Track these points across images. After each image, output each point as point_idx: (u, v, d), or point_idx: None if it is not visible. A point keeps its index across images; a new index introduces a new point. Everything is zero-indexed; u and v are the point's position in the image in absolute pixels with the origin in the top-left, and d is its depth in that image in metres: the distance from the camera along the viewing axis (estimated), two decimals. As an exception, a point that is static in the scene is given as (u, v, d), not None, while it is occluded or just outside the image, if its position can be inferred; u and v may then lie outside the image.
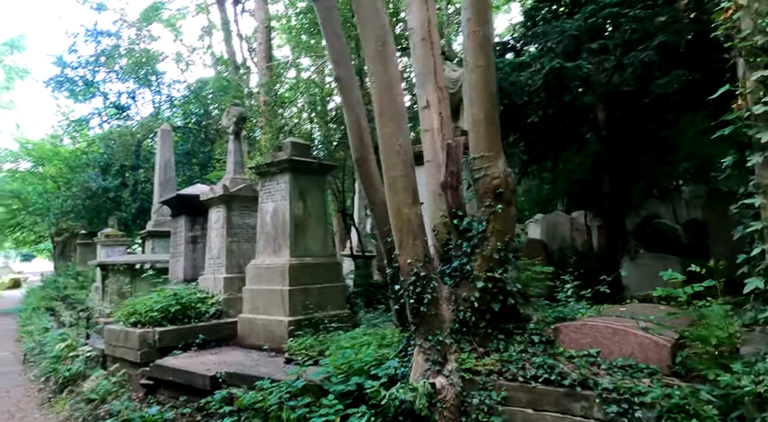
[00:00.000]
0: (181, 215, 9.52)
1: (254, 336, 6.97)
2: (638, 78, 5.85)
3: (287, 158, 6.92)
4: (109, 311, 9.65)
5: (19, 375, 9.69)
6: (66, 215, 22.55)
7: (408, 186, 3.94)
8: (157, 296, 7.55)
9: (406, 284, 3.87)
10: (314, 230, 7.24)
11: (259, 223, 7.42)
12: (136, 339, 6.87)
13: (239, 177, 8.61)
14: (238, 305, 7.90)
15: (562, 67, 5.45)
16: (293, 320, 6.56)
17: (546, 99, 6.18)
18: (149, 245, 13.74)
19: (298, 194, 7.09)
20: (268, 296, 6.92)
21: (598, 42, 5.87)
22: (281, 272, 6.81)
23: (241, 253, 8.33)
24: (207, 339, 7.22)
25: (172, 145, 15.73)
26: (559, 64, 5.43)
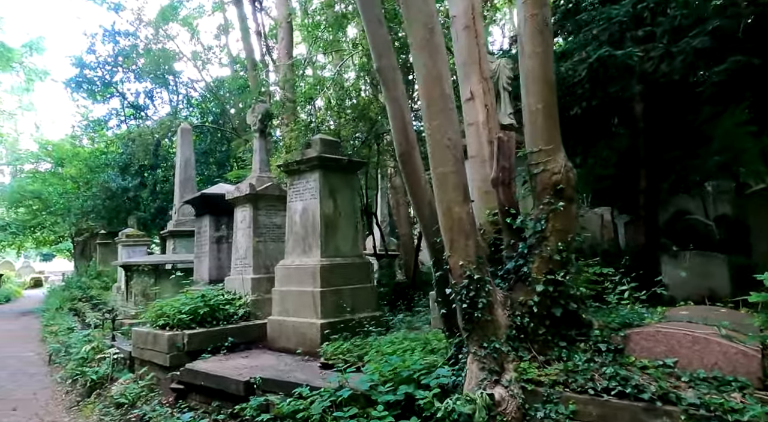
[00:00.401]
0: (206, 215, 9.37)
1: (284, 339, 6.78)
2: (688, 66, 5.54)
3: (317, 155, 6.70)
4: (134, 312, 9.54)
5: (45, 377, 9.62)
6: (86, 215, 22.64)
7: (459, 183, 3.70)
8: (185, 297, 7.39)
9: (458, 288, 3.63)
10: (344, 229, 7.03)
11: (288, 222, 7.22)
12: (165, 342, 6.72)
13: (265, 176, 8.43)
14: (267, 307, 7.73)
15: (610, 56, 5.15)
16: (325, 322, 6.36)
17: (590, 90, 5.88)
18: (170, 245, 13.64)
19: (328, 193, 6.88)
20: (298, 297, 6.72)
21: (644, 29, 5.56)
22: (312, 273, 6.60)
23: (267, 253, 8.15)
24: (236, 341, 7.05)
25: (192, 143, 15.62)
26: (608, 52, 5.12)
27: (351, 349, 5.25)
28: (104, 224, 23.31)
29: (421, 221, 4.20)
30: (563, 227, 3.50)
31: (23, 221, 31.78)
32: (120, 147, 22.98)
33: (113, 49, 23.14)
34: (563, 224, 3.50)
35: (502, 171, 3.83)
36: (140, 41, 23.71)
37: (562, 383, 3.19)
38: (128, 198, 21.61)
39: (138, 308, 9.61)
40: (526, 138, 3.70)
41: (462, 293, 3.60)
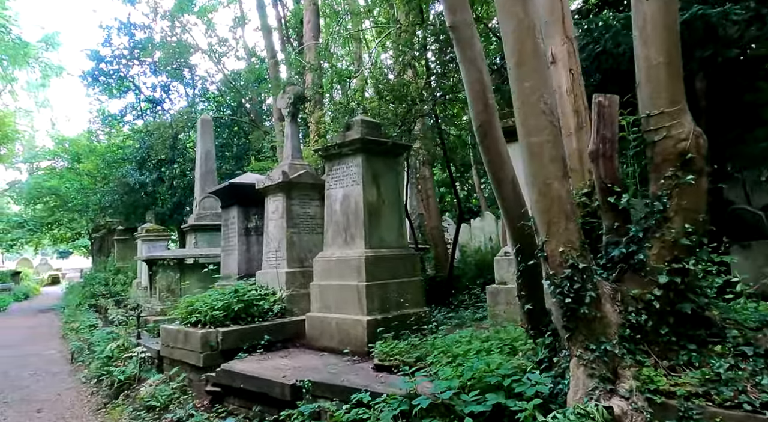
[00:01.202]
0: (233, 206, 8.87)
1: (326, 337, 6.26)
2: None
3: (359, 137, 6.16)
4: (159, 308, 9.09)
5: (69, 376, 9.22)
6: (104, 210, 22.35)
7: (557, 155, 3.13)
8: (216, 293, 6.91)
9: (558, 279, 3.07)
10: (389, 218, 6.49)
11: (327, 212, 6.69)
12: (198, 340, 6.23)
13: (298, 163, 7.90)
14: (302, 303, 7.23)
15: (703, 16, 4.51)
16: (372, 319, 5.83)
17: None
18: (191, 240, 13.21)
19: (371, 178, 6.34)
20: (340, 292, 6.20)
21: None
22: (356, 266, 6.07)
23: (302, 245, 7.64)
24: (272, 339, 6.55)
25: (213, 135, 15.17)
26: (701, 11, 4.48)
27: (408, 349, 4.71)
28: (122, 220, 23.02)
29: (502, 203, 3.64)
30: (691, 205, 2.92)
31: (40, 218, 31.72)
32: (137, 141, 22.63)
33: (129, 42, 22.77)
34: (691, 202, 2.92)
35: (603, 142, 3.25)
36: (156, 34, 23.34)
37: (702, 395, 2.62)
38: (146, 193, 21.26)
39: (163, 304, 9.17)
40: (640, 99, 3.12)
41: (564, 286, 3.04)
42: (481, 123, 3.47)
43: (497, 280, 5.69)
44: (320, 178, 8.03)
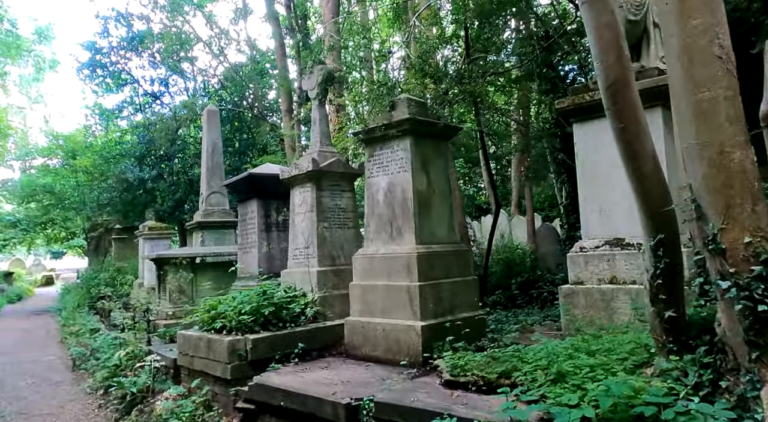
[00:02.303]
0: (252, 199, 8.10)
1: (370, 345, 5.50)
2: None
3: (408, 116, 5.40)
4: (171, 311, 8.30)
5: (72, 386, 8.43)
6: (102, 208, 21.47)
7: (737, 115, 2.40)
8: (242, 295, 6.13)
9: (745, 279, 2.33)
10: (439, 209, 5.74)
11: (368, 203, 5.94)
12: (225, 349, 5.46)
13: (328, 150, 7.14)
14: (336, 305, 6.48)
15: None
16: (426, 325, 5.08)
17: None
18: (197, 238, 12.43)
19: (421, 165, 5.59)
20: (387, 294, 5.44)
21: None
22: (406, 264, 5.32)
23: (333, 241, 6.88)
24: (306, 347, 5.80)
25: (220, 127, 14.35)
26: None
27: (487, 362, 3.96)
28: (120, 219, 22.18)
29: (638, 184, 2.89)
30: None
31: (34, 217, 30.77)
32: (136, 136, 21.77)
33: (127, 33, 21.90)
34: None
35: (782, 102, 2.51)
36: (155, 25, 22.46)
37: None
38: (145, 190, 20.40)
39: (176, 306, 8.38)
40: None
41: (754, 288, 2.30)
42: (613, 80, 2.72)
43: (571, 280, 4.96)
44: (351, 167, 7.27)
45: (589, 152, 4.93)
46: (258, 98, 22.50)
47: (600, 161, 4.87)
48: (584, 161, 4.97)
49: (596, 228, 4.90)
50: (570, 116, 5.04)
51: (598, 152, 4.88)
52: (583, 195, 5.00)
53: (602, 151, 4.85)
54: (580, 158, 5.00)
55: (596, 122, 4.88)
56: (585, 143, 4.96)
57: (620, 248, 4.67)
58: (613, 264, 4.68)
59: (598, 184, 4.89)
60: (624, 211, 4.75)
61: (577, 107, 4.91)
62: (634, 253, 4.57)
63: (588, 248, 4.90)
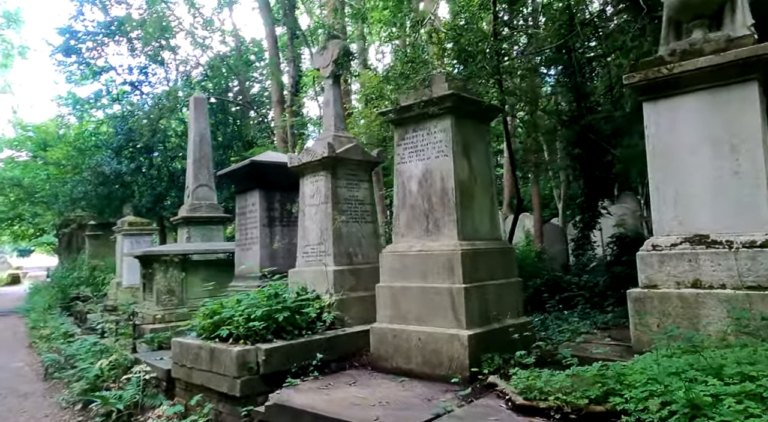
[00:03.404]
0: (254, 190, 7.28)
1: (402, 357, 4.76)
2: None
3: (450, 92, 4.68)
4: (161, 314, 7.42)
5: (44, 398, 7.47)
6: (75, 203, 20.23)
7: None
8: (249, 297, 5.33)
9: None
10: (481, 200, 5.04)
11: (398, 192, 5.20)
12: (233, 360, 4.65)
13: (343, 135, 6.38)
14: (353, 309, 5.74)
15: None
16: (473, 334, 4.37)
17: None
18: (183, 234, 11.53)
19: (462, 149, 4.87)
20: (423, 297, 4.71)
21: None
22: (447, 263, 4.60)
23: (350, 237, 6.12)
24: (325, 358, 5.03)
25: (208, 116, 13.43)
26: None
27: (572, 384, 3.25)
28: (94, 214, 20.98)
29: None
30: None
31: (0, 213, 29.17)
32: (113, 127, 20.59)
33: (104, 18, 20.71)
34: None
35: None
36: (134, 10, 21.29)
37: None
38: (123, 184, 19.29)
39: (165, 309, 7.50)
40: None
41: None
42: None
43: (642, 283, 4.30)
44: (369, 154, 6.53)
45: (663, 133, 4.28)
46: (244, 89, 21.53)
47: (677, 144, 4.22)
48: (656, 144, 4.32)
49: (671, 223, 4.25)
50: (640, 92, 4.39)
51: (676, 133, 4.23)
52: (654, 184, 4.35)
53: (681, 132, 4.21)
54: (651, 142, 4.35)
55: (675, 99, 4.23)
56: (658, 124, 4.31)
57: (705, 247, 4.02)
58: (696, 265, 4.03)
59: (674, 171, 4.24)
60: (706, 203, 4.11)
61: (651, 82, 4.25)
62: (723, 252, 3.93)
63: (663, 246, 4.24)
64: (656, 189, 4.36)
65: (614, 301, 6.65)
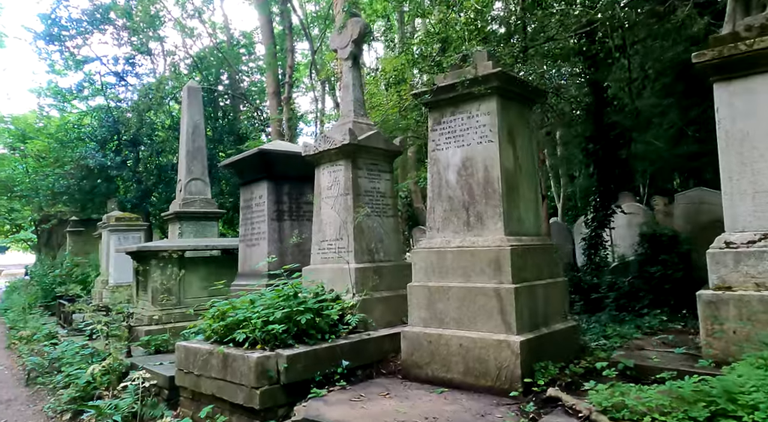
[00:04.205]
0: (261, 182, 6.72)
1: (439, 365, 4.28)
2: None
3: (495, 71, 4.21)
4: (157, 315, 6.83)
5: (26, 406, 6.85)
6: (57, 197, 19.37)
7: None
8: (264, 298, 4.79)
9: None
10: (526, 192, 4.57)
11: (433, 182, 4.71)
12: (251, 368, 4.12)
13: (363, 121, 5.87)
14: (376, 311, 5.25)
15: None
16: (525, 340, 3.90)
17: None
18: (174, 230, 10.94)
19: (507, 134, 4.40)
20: (465, 298, 4.23)
21: None
22: (493, 260, 4.12)
23: (372, 232, 5.62)
24: (351, 365, 4.53)
25: (202, 106, 12.79)
26: None
27: (671, 403, 2.79)
28: (76, 209, 20.14)
29: None
30: None
31: (-27, 208, 28.02)
32: (97, 119, 19.76)
33: (89, 5, 19.85)
34: None
35: None
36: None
37: None
38: (108, 178, 18.49)
39: (163, 309, 6.91)
40: None
41: None
42: None
43: (714, 284, 3.86)
44: (392, 142, 6.03)
45: (739, 118, 3.86)
46: (235, 82, 20.84)
47: (755, 129, 3.80)
48: (730, 130, 3.89)
49: (749, 218, 3.83)
50: (712, 72, 3.96)
51: (754, 117, 3.81)
52: (727, 174, 3.92)
53: (760, 116, 3.78)
54: (723, 127, 3.93)
55: (753, 79, 3.81)
56: (732, 107, 3.88)
57: (789, 244, 3.61)
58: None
59: (752, 160, 3.82)
60: (789, 196, 3.70)
61: (726, 60, 3.83)
62: (811, 250, 3.52)
63: (738, 243, 3.82)
64: (729, 180, 3.94)
65: (648, 303, 6.25)
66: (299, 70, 17.29)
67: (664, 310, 5.92)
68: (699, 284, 4.32)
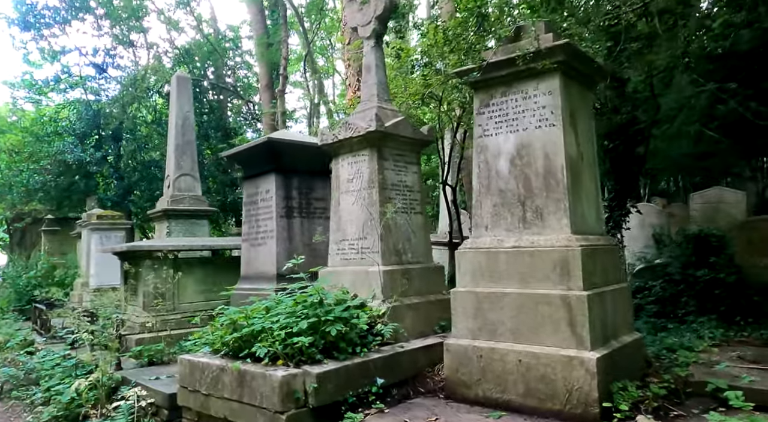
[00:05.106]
0: (268, 175, 6.05)
1: (492, 384, 3.68)
2: None
3: (563, 42, 3.64)
4: (150, 322, 6.11)
5: (-1, 426, 6.08)
6: (32, 194, 18.32)
7: None
8: (282, 304, 4.15)
9: None
10: (588, 184, 4.02)
11: (480, 173, 4.12)
12: (275, 388, 3.47)
13: (388, 107, 5.26)
14: (407, 319, 4.64)
15: None
16: (602, 357, 3.33)
17: None
18: (162, 229, 10.21)
19: (570, 118, 3.84)
20: (524, 306, 3.65)
21: None
22: (559, 263, 3.55)
23: (399, 231, 5.01)
24: (386, 383, 3.92)
25: (192, 98, 12.03)
26: None
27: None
28: (52, 207, 19.12)
29: None
30: None
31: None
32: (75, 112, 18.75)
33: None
34: None
35: None
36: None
37: None
38: (87, 174, 17.54)
39: (157, 315, 6.19)
40: None
41: None
42: None
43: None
44: (420, 131, 5.43)
45: None
46: (222, 77, 20.00)
47: None
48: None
49: None
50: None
51: None
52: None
53: None
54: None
55: None
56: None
57: None
58: None
59: None
60: None
61: None
62: None
63: None
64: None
65: (694, 309, 5.75)
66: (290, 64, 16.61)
67: (712, 317, 5.43)
68: (753, 289, 3.83)
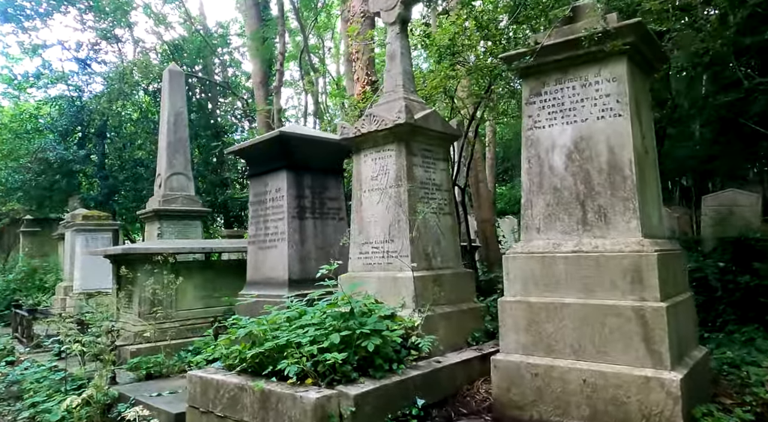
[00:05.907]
0: (279, 172, 5.56)
1: (552, 407, 3.26)
2: None
3: (635, 21, 3.25)
4: (150, 332, 5.57)
5: (-23, 447, 5.49)
6: (11, 194, 17.53)
7: None
8: (308, 315, 3.68)
9: None
10: (651, 182, 3.62)
11: (530, 170, 3.70)
12: (307, 412, 3.00)
13: (415, 99, 4.83)
14: (440, 330, 4.23)
15: None
16: (684, 378, 2.93)
17: None
18: (154, 230, 9.69)
19: (635, 108, 3.44)
20: (588, 319, 3.23)
21: None
22: (630, 269, 3.14)
23: (428, 233, 4.57)
24: (425, 402, 3.48)
25: (185, 92, 11.49)
26: None
27: None
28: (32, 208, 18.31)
29: None
30: None
31: None
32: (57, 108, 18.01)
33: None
34: None
35: None
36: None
37: None
38: (69, 173, 16.82)
39: (157, 323, 5.65)
40: None
41: None
42: None
43: None
44: (450, 125, 5.01)
45: None
46: (211, 74, 19.39)
47: None
48: None
49: None
50: None
51: None
52: None
53: None
54: None
55: None
56: None
57: None
58: None
59: None
60: None
61: None
62: None
63: None
64: None
65: (734, 318, 5.40)
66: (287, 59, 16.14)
67: (759, 328, 5.08)
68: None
